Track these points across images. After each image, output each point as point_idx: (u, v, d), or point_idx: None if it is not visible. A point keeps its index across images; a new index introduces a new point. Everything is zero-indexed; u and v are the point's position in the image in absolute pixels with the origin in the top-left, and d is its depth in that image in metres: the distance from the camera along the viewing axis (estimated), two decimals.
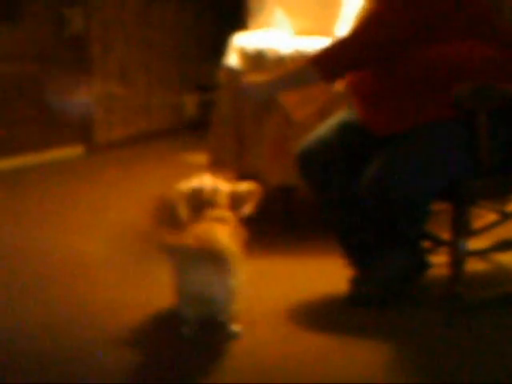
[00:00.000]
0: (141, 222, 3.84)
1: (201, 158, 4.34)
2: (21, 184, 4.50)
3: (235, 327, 2.58)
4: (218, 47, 4.10)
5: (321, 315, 2.84)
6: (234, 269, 2.52)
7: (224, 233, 2.58)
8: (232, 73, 3.73)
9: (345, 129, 2.95)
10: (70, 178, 4.63)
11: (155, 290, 3.00)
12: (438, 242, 3.12)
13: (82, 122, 5.17)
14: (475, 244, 3.07)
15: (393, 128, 2.76)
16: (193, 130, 5.45)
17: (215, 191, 2.72)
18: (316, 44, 3.49)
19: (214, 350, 2.53)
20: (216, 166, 3.86)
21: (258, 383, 2.37)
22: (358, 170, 2.79)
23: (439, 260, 2.99)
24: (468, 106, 2.68)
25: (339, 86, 3.15)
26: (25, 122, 4.88)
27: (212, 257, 2.46)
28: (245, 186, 2.78)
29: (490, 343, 2.63)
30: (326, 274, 3.13)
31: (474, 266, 3.09)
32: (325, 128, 3.00)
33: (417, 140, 2.71)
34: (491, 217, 3.38)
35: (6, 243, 3.62)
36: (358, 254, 2.94)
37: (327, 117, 3.13)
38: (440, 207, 3.02)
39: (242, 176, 3.85)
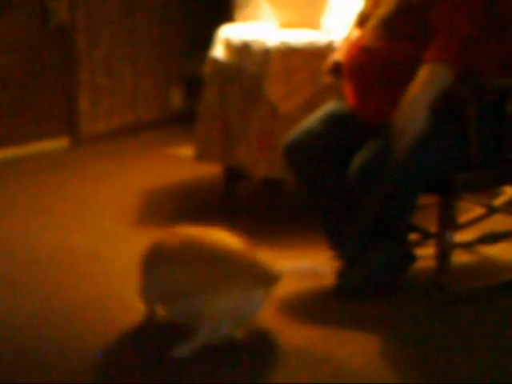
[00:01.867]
0: (127, 215, 3.84)
1: (187, 150, 4.34)
2: (6, 177, 4.49)
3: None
4: (204, 39, 4.11)
5: (307, 306, 2.85)
6: None
7: None
8: (218, 65, 3.73)
9: (333, 120, 2.96)
10: (56, 171, 4.62)
11: None
12: (425, 235, 3.14)
13: (68, 114, 5.15)
14: (461, 237, 3.10)
15: (383, 117, 2.77)
16: (179, 122, 5.44)
17: None
18: (302, 36, 3.50)
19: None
20: (202, 158, 3.87)
21: (245, 375, 2.38)
22: (345, 162, 2.80)
23: (426, 252, 3.01)
24: (457, 98, 2.69)
25: (326, 78, 3.16)
26: (9, 114, 4.86)
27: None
28: None
29: (475, 334, 2.65)
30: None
31: (460, 258, 3.11)
32: (312, 119, 3.01)
33: None
34: (478, 210, 3.40)
35: None
36: (344, 246, 2.95)
37: (314, 109, 3.14)
38: (427, 200, 3.04)
39: (228, 168, 3.87)
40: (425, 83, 2.63)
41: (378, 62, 2.77)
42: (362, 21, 2.98)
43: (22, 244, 3.48)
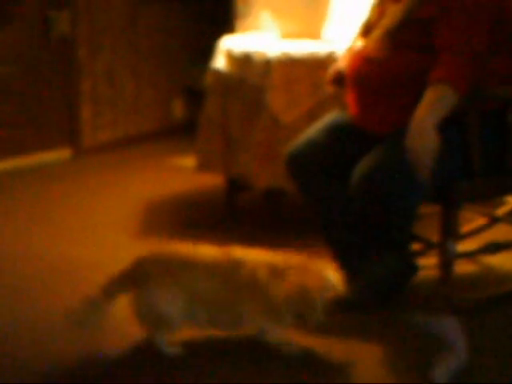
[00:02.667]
0: (129, 226, 3.85)
1: (189, 161, 4.35)
2: (7, 187, 4.49)
3: None
4: (206, 50, 4.11)
5: None
6: None
7: None
8: (219, 76, 3.74)
9: (335, 130, 2.96)
10: (58, 182, 4.63)
11: None
12: (427, 244, 3.13)
13: (70, 125, 5.16)
14: (464, 246, 3.09)
15: (385, 128, 2.78)
16: (181, 133, 5.45)
17: None
18: (303, 47, 3.50)
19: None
20: (204, 169, 3.87)
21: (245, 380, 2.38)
22: (348, 172, 2.80)
23: (428, 262, 3.00)
24: (459, 107, 2.69)
25: (328, 88, 3.16)
26: (11, 125, 4.87)
27: None
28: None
29: (477, 344, 2.64)
30: None
31: (463, 268, 3.10)
32: (314, 130, 3.01)
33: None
34: (480, 220, 3.40)
35: None
36: (346, 257, 2.94)
37: (316, 119, 3.14)
38: (429, 210, 3.03)
39: (230, 178, 3.87)
40: (432, 104, 2.62)
41: (382, 72, 2.77)
42: (367, 30, 2.97)
43: (23, 255, 3.48)
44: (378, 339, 2.67)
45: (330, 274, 2.54)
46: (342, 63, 3.03)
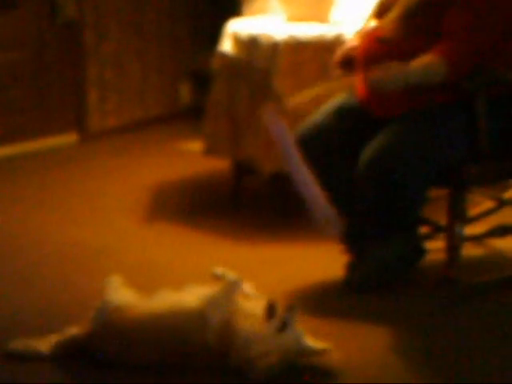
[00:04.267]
0: (137, 210, 3.85)
1: (196, 145, 4.35)
2: (15, 172, 4.49)
3: None
4: (213, 34, 4.10)
5: (317, 300, 2.86)
6: None
7: None
8: (226, 59, 3.73)
9: (342, 113, 2.96)
10: (65, 167, 4.63)
11: (152, 277, 3.01)
12: (435, 228, 3.13)
13: (76, 109, 5.16)
14: (471, 230, 3.09)
15: (393, 110, 2.78)
16: (188, 117, 5.44)
17: None
18: (310, 30, 3.49)
19: None
20: (210, 153, 3.87)
21: None
22: (355, 155, 2.80)
23: (436, 245, 3.00)
24: (467, 89, 2.69)
25: (335, 71, 3.15)
26: (18, 110, 4.87)
27: None
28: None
29: (485, 327, 2.65)
30: (323, 260, 3.13)
31: (471, 251, 3.10)
32: (322, 113, 3.01)
33: (415, 122, 2.73)
34: (488, 204, 3.39)
35: (1, 231, 3.62)
36: (354, 240, 2.95)
37: (323, 102, 3.13)
38: (437, 193, 3.04)
39: (237, 163, 3.87)
40: (417, 68, 2.67)
41: (396, 54, 2.77)
42: (381, 12, 2.96)
43: (30, 239, 3.49)
44: (384, 323, 2.67)
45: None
46: (351, 45, 3.02)
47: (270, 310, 2.32)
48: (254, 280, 2.74)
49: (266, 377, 2.25)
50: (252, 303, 2.41)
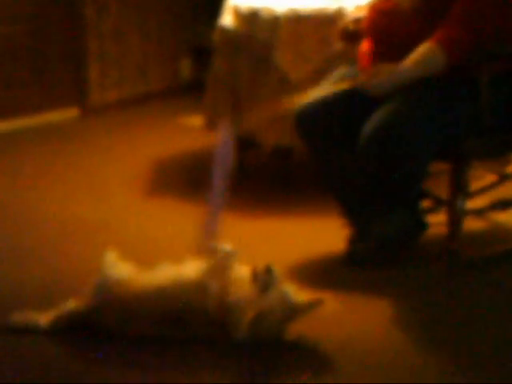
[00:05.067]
0: (138, 185, 3.86)
1: (197, 120, 4.34)
2: (16, 147, 4.49)
3: None
4: (213, 8, 4.09)
5: (319, 274, 2.86)
6: None
7: None
8: (227, 33, 3.72)
9: (344, 88, 2.95)
10: (66, 141, 4.63)
11: (153, 251, 3.02)
12: (437, 202, 3.13)
13: (77, 84, 5.16)
14: (473, 204, 3.10)
15: None
16: (189, 92, 5.43)
17: None
18: (311, 3, 3.48)
19: None
20: (212, 127, 3.87)
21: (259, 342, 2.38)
22: (357, 129, 2.80)
23: (437, 219, 2.99)
24: (472, 63, 2.69)
25: (337, 44, 3.14)
26: (19, 84, 4.86)
27: None
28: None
29: (486, 299, 2.66)
30: (325, 234, 3.13)
31: (472, 224, 3.09)
32: (323, 88, 3.00)
33: (418, 96, 2.73)
34: (489, 178, 3.39)
35: (1, 206, 3.62)
36: (356, 214, 2.95)
37: (325, 76, 3.13)
38: (439, 167, 3.03)
39: (238, 137, 3.87)
40: (417, 62, 2.68)
41: (406, 26, 2.76)
42: None
43: (30, 214, 3.50)
44: (386, 296, 2.68)
45: None
46: (353, 17, 3.00)
47: (254, 274, 2.36)
48: (256, 253, 2.75)
49: (250, 335, 2.29)
50: (244, 270, 2.43)
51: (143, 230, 3.30)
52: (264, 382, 2.25)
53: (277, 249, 3.04)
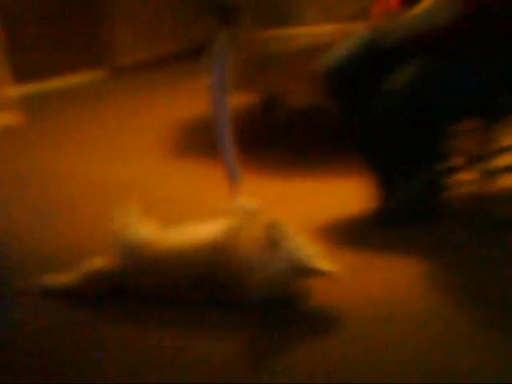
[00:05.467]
0: (163, 146, 3.85)
1: None
2: (43, 109, 4.53)
3: None
4: None
5: (347, 233, 2.84)
6: None
7: None
8: None
9: (369, 45, 2.91)
10: (92, 103, 4.65)
11: (178, 211, 3.01)
12: (469, 159, 3.09)
13: (104, 44, 5.14)
14: (505, 161, 3.04)
15: (421, 41, 2.73)
16: None
17: None
18: None
19: None
20: (237, 88, 3.84)
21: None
22: (381, 87, 2.76)
23: (469, 177, 2.96)
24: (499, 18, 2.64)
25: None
26: (44, 46, 4.86)
27: None
28: None
29: None
30: (352, 194, 3.10)
31: (503, 182, 3.04)
32: (349, 44, 2.96)
33: (445, 52, 2.69)
34: None
35: (31, 167, 3.65)
36: (384, 173, 2.92)
37: (351, 33, 3.09)
38: (471, 125, 2.99)
39: (264, 97, 3.85)
40: (429, 8, 2.64)
41: None
42: None
43: (57, 174, 3.56)
44: (415, 254, 2.65)
45: None
46: None
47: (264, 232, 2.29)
48: (283, 214, 2.73)
49: (261, 296, 2.25)
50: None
51: (167, 190, 3.31)
52: (278, 345, 2.20)
53: (303, 208, 3.04)
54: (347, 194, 3.14)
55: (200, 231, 2.43)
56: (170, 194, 3.25)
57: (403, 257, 2.64)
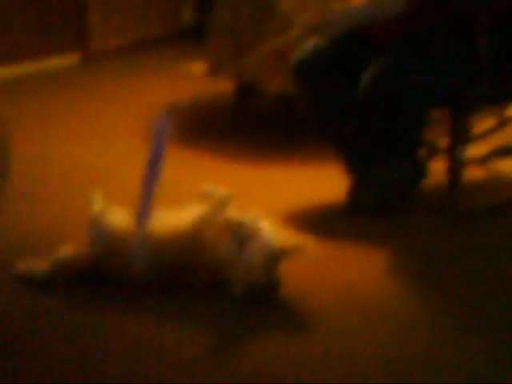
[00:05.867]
0: (141, 132, 3.88)
1: (199, 66, 4.35)
2: (15, 94, 4.48)
3: None
4: None
5: (318, 222, 2.88)
6: None
7: None
8: None
9: (342, 38, 2.96)
10: (66, 88, 4.63)
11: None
12: (436, 150, 3.16)
13: (78, 29, 5.14)
14: (473, 151, 3.08)
15: (393, 33, 2.79)
16: (190, 38, 5.42)
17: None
18: None
19: None
20: (214, 74, 3.88)
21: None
22: (355, 76, 2.82)
23: (437, 168, 3.00)
24: (467, 11, 2.70)
25: None
26: (17, 29, 4.84)
27: None
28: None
29: (486, 249, 2.70)
30: (325, 183, 3.16)
31: (472, 173, 3.10)
32: (321, 37, 3.01)
33: (415, 45, 2.76)
34: (489, 122, 3.39)
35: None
36: (355, 162, 2.98)
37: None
38: (438, 115, 3.06)
39: (241, 84, 3.89)
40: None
41: None
42: None
43: (33, 161, 3.50)
44: (383, 245, 2.72)
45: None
46: None
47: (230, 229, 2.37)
48: (255, 201, 2.78)
49: (242, 290, 2.32)
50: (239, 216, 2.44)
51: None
52: (258, 336, 2.24)
53: (276, 197, 3.07)
54: (321, 184, 3.16)
55: (174, 217, 2.49)
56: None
57: (376, 247, 2.70)
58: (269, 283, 2.35)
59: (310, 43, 3.00)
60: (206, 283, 2.40)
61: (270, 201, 2.99)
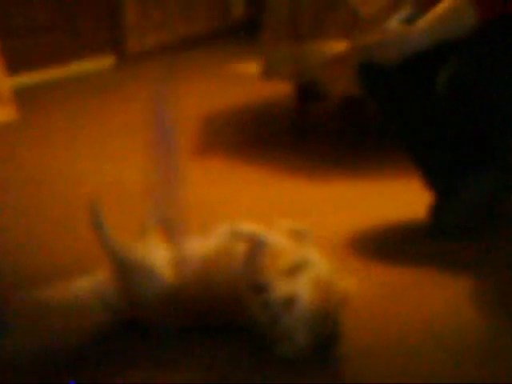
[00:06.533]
0: (186, 143, 3.88)
1: (252, 67, 4.35)
2: (45, 101, 4.56)
3: None
4: None
5: (395, 246, 2.84)
6: None
7: None
8: None
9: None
10: (100, 93, 4.68)
11: (203, 217, 3.02)
12: None
13: (112, 29, 5.19)
14: None
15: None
16: (241, 33, 5.44)
17: None
18: None
19: None
20: (270, 75, 3.87)
21: None
22: (430, 77, 2.77)
23: None
24: None
25: None
26: (48, 31, 4.91)
27: None
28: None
29: None
30: (401, 200, 3.13)
31: None
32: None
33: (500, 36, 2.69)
34: None
35: (34, 165, 3.68)
36: (435, 175, 2.92)
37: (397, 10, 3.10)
38: None
39: (301, 86, 3.86)
40: (436, 22, 2.68)
41: None
42: None
43: (63, 177, 3.55)
44: (471, 272, 2.64)
45: None
46: None
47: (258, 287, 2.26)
48: (318, 222, 2.76)
49: (294, 354, 2.21)
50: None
51: (192, 193, 3.31)
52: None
53: (342, 216, 3.04)
54: (397, 200, 3.15)
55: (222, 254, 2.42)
56: (192, 198, 3.27)
57: (461, 274, 2.63)
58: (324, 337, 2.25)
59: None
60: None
61: (333, 221, 2.98)
